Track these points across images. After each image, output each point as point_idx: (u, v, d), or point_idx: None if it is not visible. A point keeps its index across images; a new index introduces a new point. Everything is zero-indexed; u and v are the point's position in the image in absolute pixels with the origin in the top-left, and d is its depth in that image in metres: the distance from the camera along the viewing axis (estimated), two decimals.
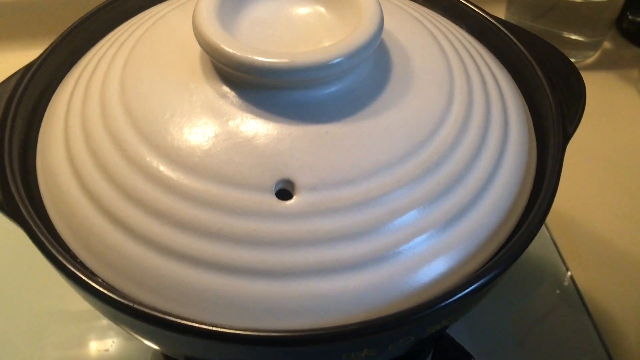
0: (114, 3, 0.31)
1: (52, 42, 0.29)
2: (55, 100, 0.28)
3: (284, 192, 0.23)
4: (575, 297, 0.39)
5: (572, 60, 0.29)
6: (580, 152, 0.42)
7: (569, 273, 0.40)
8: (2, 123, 0.26)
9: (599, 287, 0.39)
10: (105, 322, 0.36)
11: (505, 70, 0.30)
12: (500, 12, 0.55)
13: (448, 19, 0.32)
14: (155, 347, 0.25)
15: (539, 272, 0.41)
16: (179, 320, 0.20)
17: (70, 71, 0.29)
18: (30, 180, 0.26)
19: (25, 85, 0.27)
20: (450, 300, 0.21)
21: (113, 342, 0.35)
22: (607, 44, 0.56)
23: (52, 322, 0.36)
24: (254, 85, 0.24)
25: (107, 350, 0.35)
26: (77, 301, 0.37)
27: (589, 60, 0.55)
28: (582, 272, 0.40)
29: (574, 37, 0.53)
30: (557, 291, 0.39)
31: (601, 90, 0.52)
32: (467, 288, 0.21)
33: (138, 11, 0.32)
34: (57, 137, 0.26)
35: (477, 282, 0.22)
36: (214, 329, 0.20)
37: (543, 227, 0.42)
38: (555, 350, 0.36)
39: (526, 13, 0.53)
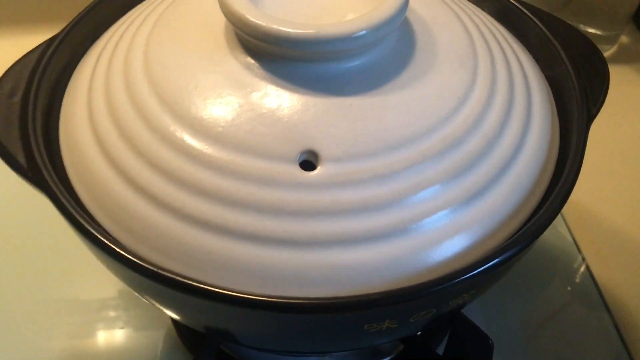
0: None
1: (76, 16, 0.29)
2: (79, 71, 0.28)
3: (308, 163, 0.23)
4: (592, 289, 0.39)
5: None
6: (597, 144, 0.42)
7: (585, 264, 0.40)
8: (26, 92, 0.26)
9: (616, 279, 0.39)
10: (113, 312, 0.36)
11: (527, 51, 0.30)
12: None
13: (470, 0, 0.32)
14: (176, 316, 0.25)
15: (555, 263, 0.40)
16: (203, 286, 0.20)
17: (93, 44, 0.29)
18: (53, 149, 0.26)
19: (49, 56, 0.27)
20: (474, 272, 0.21)
21: (122, 331, 0.35)
22: (624, 38, 0.56)
23: (61, 311, 0.36)
24: (278, 56, 0.24)
25: (119, 329, 0.35)
26: (86, 290, 0.37)
27: (606, 54, 0.54)
28: (599, 264, 0.40)
29: (591, 30, 0.53)
30: (573, 282, 0.39)
31: (618, 84, 0.51)
32: (491, 261, 0.21)
33: None
34: (81, 107, 0.26)
35: (501, 255, 0.22)
36: (237, 294, 0.20)
37: (560, 217, 0.42)
38: (570, 344, 0.36)
39: (543, 5, 0.53)
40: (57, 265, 0.38)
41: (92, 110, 0.25)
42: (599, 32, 0.53)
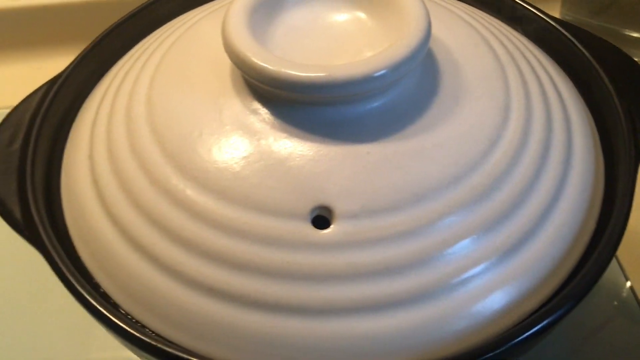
0: (144, 10, 0.30)
1: (79, 54, 0.28)
2: (81, 116, 0.26)
3: (321, 220, 0.20)
4: (635, 309, 0.36)
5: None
6: None
7: (629, 284, 0.37)
8: (25, 140, 0.25)
9: None
10: None
11: (566, 77, 0.27)
12: (556, 8, 0.51)
13: (500, 20, 0.29)
14: None
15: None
16: None
17: (97, 84, 0.28)
18: (54, 202, 0.24)
19: (50, 100, 0.26)
20: (513, 342, 0.19)
21: None
22: None
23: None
24: (287, 100, 0.21)
25: None
26: None
27: None
28: None
29: (635, 34, 0.50)
30: (620, 297, 0.36)
31: None
32: (532, 327, 0.19)
33: (170, 18, 0.30)
34: (82, 156, 0.24)
35: (542, 321, 0.19)
36: None
37: None
38: (616, 357, 0.34)
39: (584, 9, 0.50)
40: None
41: (93, 160, 0.24)
42: None
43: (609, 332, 0.35)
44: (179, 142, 0.22)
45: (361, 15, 0.23)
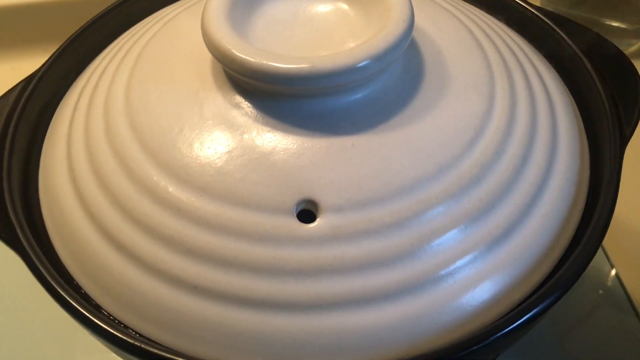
0: (120, 6, 0.29)
1: (55, 51, 0.27)
2: (59, 114, 0.26)
3: (307, 214, 0.20)
4: (621, 296, 0.36)
5: None
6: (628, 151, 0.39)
7: (614, 271, 0.37)
8: (1, 141, 0.24)
9: None
10: None
11: (550, 66, 0.27)
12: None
13: (483, 10, 0.29)
14: None
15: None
16: None
17: (74, 82, 0.27)
18: (32, 202, 0.24)
19: (27, 98, 0.25)
20: (504, 331, 0.19)
21: None
22: None
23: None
24: (270, 93, 0.21)
25: None
26: None
27: (632, 49, 0.51)
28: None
29: (615, 24, 0.50)
30: (601, 290, 0.37)
31: None
32: (520, 318, 0.19)
33: (146, 14, 0.29)
34: (60, 155, 0.24)
35: (530, 310, 0.19)
36: None
37: None
38: (602, 344, 0.34)
39: (564, 0, 0.50)
40: None
41: (71, 159, 0.23)
42: (623, 26, 0.50)
43: (595, 320, 0.35)
44: (159, 138, 0.21)
45: (343, 6, 0.23)
